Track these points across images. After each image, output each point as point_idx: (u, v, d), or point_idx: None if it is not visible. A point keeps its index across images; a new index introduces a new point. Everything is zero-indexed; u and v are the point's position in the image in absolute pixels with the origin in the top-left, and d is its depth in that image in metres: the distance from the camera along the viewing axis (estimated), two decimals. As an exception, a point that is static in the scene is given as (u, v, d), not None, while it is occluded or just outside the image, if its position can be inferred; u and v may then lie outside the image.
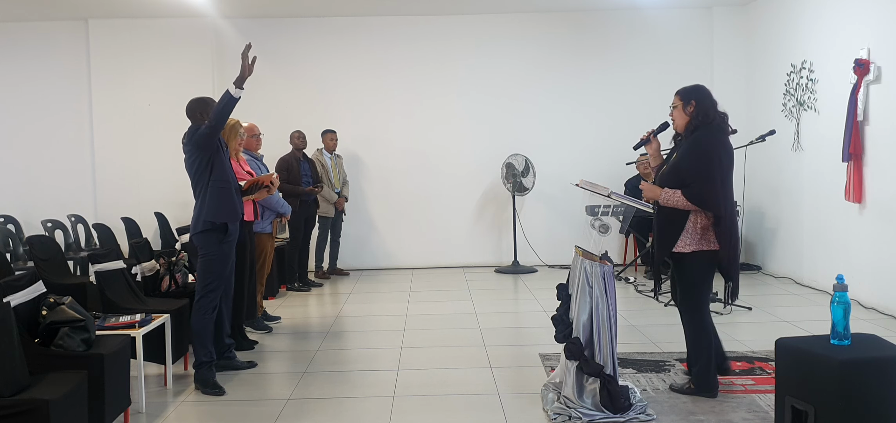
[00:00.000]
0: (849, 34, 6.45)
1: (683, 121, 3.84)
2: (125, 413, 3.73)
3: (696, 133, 3.78)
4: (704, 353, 3.85)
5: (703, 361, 3.86)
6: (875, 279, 6.07)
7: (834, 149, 6.56)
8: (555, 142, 8.93)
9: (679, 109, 3.85)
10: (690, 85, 3.93)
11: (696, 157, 3.72)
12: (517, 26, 8.92)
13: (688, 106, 3.81)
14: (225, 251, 4.38)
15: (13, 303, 3.30)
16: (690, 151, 3.76)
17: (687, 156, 3.76)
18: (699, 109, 3.78)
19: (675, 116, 3.89)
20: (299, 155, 7.66)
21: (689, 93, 3.85)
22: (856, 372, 2.95)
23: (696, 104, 3.79)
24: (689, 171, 3.71)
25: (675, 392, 3.97)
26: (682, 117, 3.84)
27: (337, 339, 5.59)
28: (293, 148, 7.68)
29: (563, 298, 3.86)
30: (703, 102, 3.80)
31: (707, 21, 8.79)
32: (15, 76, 8.83)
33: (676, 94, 3.89)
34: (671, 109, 3.93)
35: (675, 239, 3.75)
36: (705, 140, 3.75)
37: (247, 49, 4.14)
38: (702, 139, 3.75)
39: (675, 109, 3.88)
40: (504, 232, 8.98)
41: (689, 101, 3.82)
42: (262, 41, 8.80)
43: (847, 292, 3.14)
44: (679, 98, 3.86)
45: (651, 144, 4.08)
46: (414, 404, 4.04)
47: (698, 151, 3.73)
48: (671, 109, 3.93)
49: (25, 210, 8.56)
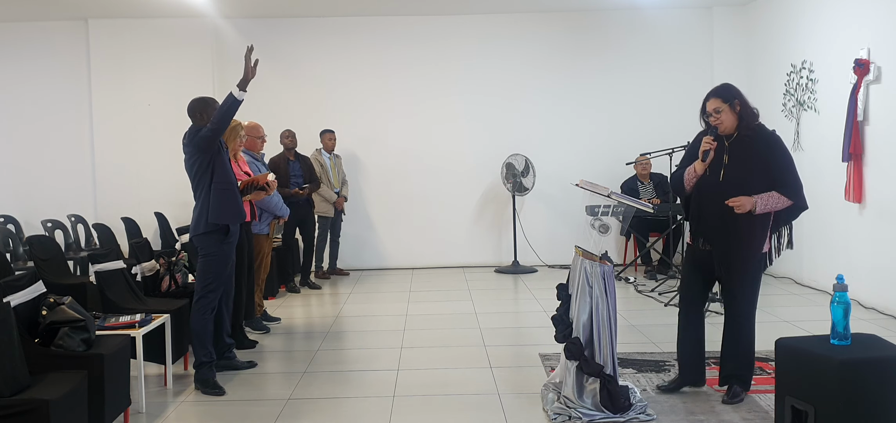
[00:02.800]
0: (849, 34, 6.45)
1: (734, 121, 3.71)
2: (125, 413, 3.73)
3: (760, 131, 3.72)
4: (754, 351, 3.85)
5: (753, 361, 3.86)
6: (875, 279, 6.07)
7: (834, 149, 6.56)
8: (555, 142, 8.93)
9: (726, 111, 3.70)
10: (720, 85, 3.83)
11: (781, 153, 3.68)
12: (517, 26, 8.92)
13: (734, 106, 3.70)
14: (225, 252, 4.38)
15: (13, 303, 3.30)
16: (773, 150, 3.68)
17: (770, 157, 3.67)
18: (746, 106, 3.71)
19: (722, 118, 3.70)
20: (289, 155, 7.56)
21: (728, 93, 3.74)
22: (856, 372, 2.96)
23: (741, 102, 3.70)
24: (784, 170, 3.66)
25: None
26: (732, 118, 3.71)
27: (337, 339, 5.59)
28: (283, 148, 7.60)
29: (563, 298, 3.86)
30: (745, 99, 3.74)
31: (707, 21, 8.79)
32: (15, 76, 8.82)
33: (715, 97, 3.73)
34: (711, 115, 3.72)
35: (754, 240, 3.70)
36: (776, 136, 3.72)
37: (249, 51, 4.13)
38: (774, 135, 3.72)
39: (720, 114, 3.70)
40: (504, 232, 8.98)
41: (732, 100, 3.71)
42: (262, 41, 8.79)
43: (847, 292, 3.15)
44: (721, 101, 3.71)
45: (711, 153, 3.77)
46: (414, 404, 4.04)
47: (781, 147, 3.70)
48: (712, 114, 3.72)
49: (25, 210, 8.56)
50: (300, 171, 7.58)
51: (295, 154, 7.64)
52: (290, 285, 7.55)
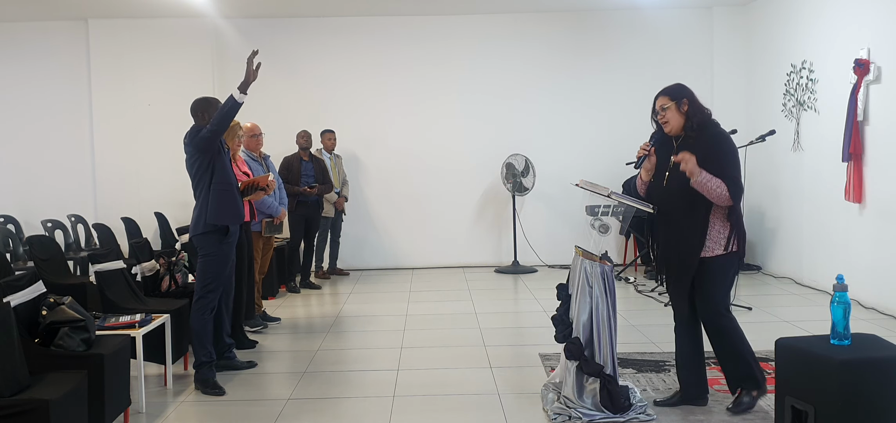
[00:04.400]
0: (849, 34, 6.45)
1: (680, 121, 3.61)
2: (125, 413, 3.73)
3: (709, 129, 3.59)
4: (747, 349, 3.65)
5: (750, 358, 3.65)
6: (875, 279, 6.07)
7: (834, 149, 6.56)
8: (555, 142, 8.93)
9: (672, 109, 3.60)
10: (672, 85, 3.71)
11: (725, 149, 3.53)
12: (517, 26, 8.91)
13: (682, 105, 3.60)
14: (225, 251, 4.38)
15: (13, 303, 3.30)
16: (718, 147, 3.53)
17: (716, 152, 3.51)
18: (694, 106, 3.60)
19: (668, 117, 3.62)
20: (302, 155, 7.66)
21: (678, 91, 3.65)
22: (856, 372, 2.95)
23: (689, 101, 3.60)
24: (727, 167, 3.48)
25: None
26: (679, 117, 3.60)
27: (337, 339, 5.59)
28: (298, 148, 7.69)
29: (563, 298, 3.85)
30: (695, 99, 3.62)
31: (707, 21, 8.79)
32: (15, 76, 8.82)
33: (663, 95, 3.66)
34: (658, 113, 3.66)
35: (701, 244, 3.54)
36: (725, 135, 3.61)
37: (253, 55, 4.15)
38: (723, 135, 3.60)
39: (666, 111, 3.62)
40: (504, 232, 8.98)
41: (680, 99, 3.61)
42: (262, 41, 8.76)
43: (847, 292, 3.14)
44: (669, 98, 3.63)
45: (650, 158, 3.73)
46: (414, 404, 4.04)
47: (727, 146, 3.55)
48: (659, 112, 3.66)
49: (25, 210, 8.56)
50: (313, 171, 7.67)
51: (309, 155, 7.72)
52: (290, 285, 7.56)
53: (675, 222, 3.63)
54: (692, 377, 3.79)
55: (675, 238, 3.66)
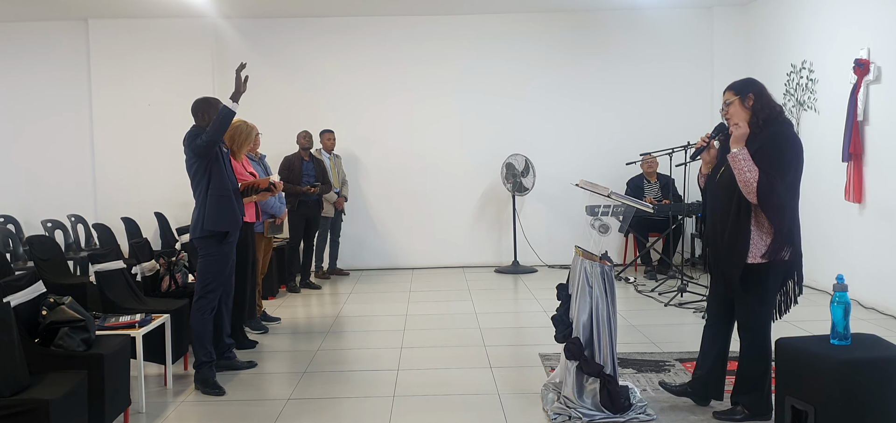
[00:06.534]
0: (849, 34, 6.45)
1: (745, 116, 3.40)
2: (125, 413, 3.73)
3: (773, 126, 3.37)
4: (768, 374, 3.48)
5: (767, 384, 3.48)
6: (875, 279, 6.07)
7: (834, 149, 6.56)
8: (555, 142, 8.93)
9: (736, 104, 3.42)
10: (739, 79, 3.54)
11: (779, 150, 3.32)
12: (517, 26, 8.91)
13: (746, 100, 3.41)
14: (225, 252, 4.38)
15: (13, 303, 3.30)
16: (774, 142, 3.33)
17: (771, 148, 3.32)
18: (761, 101, 3.40)
19: (732, 112, 3.43)
20: (303, 155, 7.67)
21: (744, 85, 3.46)
22: (856, 372, 2.96)
23: (755, 96, 3.40)
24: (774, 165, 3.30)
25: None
26: (743, 112, 3.40)
27: (337, 339, 5.59)
28: (299, 148, 7.71)
29: (563, 298, 3.85)
30: (762, 93, 3.42)
31: (707, 21, 8.79)
32: (15, 76, 8.82)
33: (729, 90, 3.49)
34: (724, 107, 3.49)
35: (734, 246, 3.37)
36: (787, 136, 3.37)
37: (241, 68, 4.21)
38: (784, 134, 3.36)
39: (730, 106, 3.44)
40: (504, 232, 8.98)
41: (745, 94, 3.41)
42: (262, 41, 8.84)
43: (847, 292, 3.15)
44: (733, 93, 3.45)
45: (709, 150, 3.60)
46: (414, 404, 4.04)
47: (784, 146, 3.34)
48: (725, 106, 3.49)
49: (25, 210, 8.56)
50: (313, 171, 7.69)
51: (309, 155, 7.74)
52: (290, 285, 7.56)
53: (719, 219, 3.48)
54: (701, 373, 3.73)
55: (712, 235, 3.56)
